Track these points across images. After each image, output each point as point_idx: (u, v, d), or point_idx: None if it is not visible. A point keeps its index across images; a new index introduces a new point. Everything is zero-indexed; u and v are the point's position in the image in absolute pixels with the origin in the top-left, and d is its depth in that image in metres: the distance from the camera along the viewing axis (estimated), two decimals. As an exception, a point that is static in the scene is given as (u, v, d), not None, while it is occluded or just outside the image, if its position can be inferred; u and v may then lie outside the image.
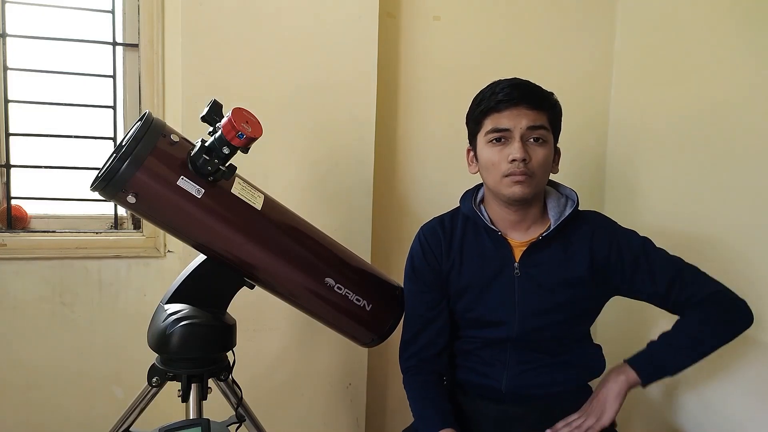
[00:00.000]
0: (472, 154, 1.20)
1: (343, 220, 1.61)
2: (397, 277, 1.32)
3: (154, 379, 1.08)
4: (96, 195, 1.00)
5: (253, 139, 1.00)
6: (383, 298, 1.24)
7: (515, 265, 1.16)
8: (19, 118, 1.59)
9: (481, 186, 1.24)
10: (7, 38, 1.55)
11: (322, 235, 1.22)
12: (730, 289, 1.14)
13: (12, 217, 1.58)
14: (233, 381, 1.15)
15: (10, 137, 1.58)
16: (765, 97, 1.32)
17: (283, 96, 1.55)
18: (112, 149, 1.28)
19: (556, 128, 1.15)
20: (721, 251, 1.42)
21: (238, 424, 1.15)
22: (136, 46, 1.63)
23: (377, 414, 1.82)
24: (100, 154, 1.62)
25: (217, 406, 1.15)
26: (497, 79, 1.17)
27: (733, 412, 1.39)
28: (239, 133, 0.97)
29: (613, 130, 1.86)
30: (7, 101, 1.56)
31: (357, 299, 1.18)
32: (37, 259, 1.56)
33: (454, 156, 1.74)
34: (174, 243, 1.64)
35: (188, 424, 0.97)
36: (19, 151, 1.59)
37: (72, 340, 1.61)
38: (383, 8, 1.62)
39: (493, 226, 1.17)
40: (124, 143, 0.99)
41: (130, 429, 1.12)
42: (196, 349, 1.05)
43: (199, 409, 1.05)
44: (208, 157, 0.99)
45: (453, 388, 1.26)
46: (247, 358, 1.32)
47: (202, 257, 1.12)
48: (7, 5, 1.54)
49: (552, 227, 1.15)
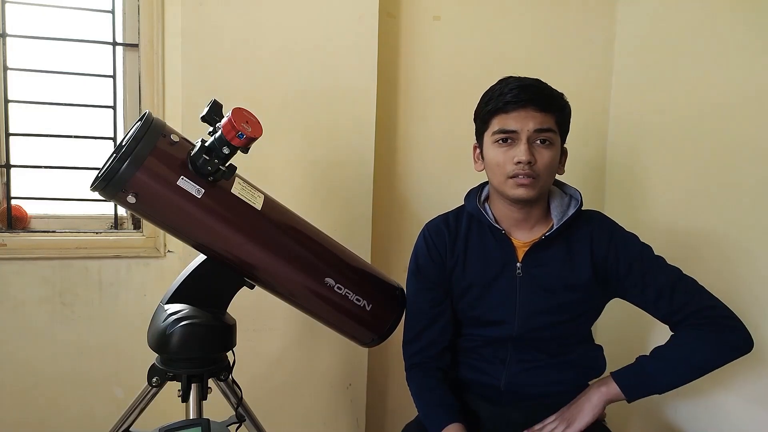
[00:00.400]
0: (478, 151, 1.19)
1: (343, 220, 1.61)
2: (397, 276, 1.32)
3: (154, 379, 1.08)
4: (96, 195, 1.00)
5: (253, 139, 0.99)
6: (383, 298, 1.24)
7: (518, 265, 1.16)
8: (19, 118, 1.59)
9: (485, 184, 1.24)
10: (7, 38, 1.55)
11: (322, 235, 1.22)
12: (728, 307, 1.10)
13: (12, 217, 1.58)
14: (233, 381, 1.15)
15: (10, 137, 1.58)
16: (765, 96, 1.32)
17: (283, 96, 1.55)
18: (112, 149, 1.29)
19: (563, 130, 1.15)
20: (722, 251, 1.42)
21: (238, 424, 1.15)
22: (136, 46, 1.63)
23: (377, 414, 1.82)
24: (100, 154, 1.62)
25: (217, 406, 1.14)
26: (497, 79, 1.16)
27: (733, 413, 1.39)
28: (239, 133, 0.97)
29: (613, 130, 1.86)
30: (7, 101, 1.56)
31: (357, 299, 1.18)
32: (37, 259, 1.56)
33: (454, 156, 1.74)
34: (174, 243, 1.64)
35: (188, 424, 0.97)
36: (19, 151, 1.59)
37: (72, 340, 1.61)
38: (383, 8, 1.62)
39: (497, 225, 1.17)
40: (124, 143, 0.99)
41: (130, 429, 1.12)
42: (196, 349, 1.05)
43: (199, 409, 1.05)
44: (208, 157, 0.99)
45: (454, 386, 1.25)
46: (247, 358, 1.32)
47: (202, 257, 1.12)
48: (7, 5, 1.54)
49: (554, 227, 1.14)
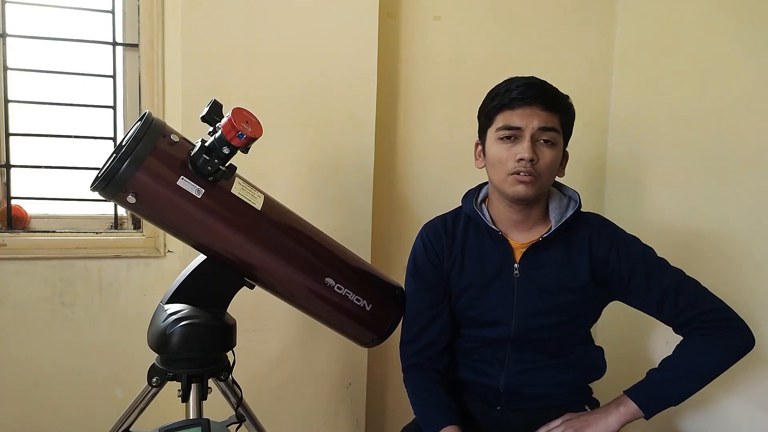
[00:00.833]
0: (480, 148, 1.19)
1: (343, 220, 1.61)
2: (397, 276, 1.32)
3: (154, 379, 1.08)
4: (96, 195, 1.00)
5: (253, 139, 0.99)
6: (383, 298, 1.24)
7: (515, 266, 1.16)
8: (19, 118, 1.59)
9: (483, 185, 1.24)
10: (7, 38, 1.55)
11: (322, 235, 1.22)
12: (731, 308, 1.11)
13: (12, 217, 1.58)
14: (233, 381, 1.15)
15: (10, 137, 1.58)
16: (765, 95, 1.32)
17: (283, 96, 1.55)
18: (112, 149, 1.28)
19: (567, 131, 1.15)
20: (722, 250, 1.42)
21: (238, 424, 1.15)
22: (136, 46, 1.63)
23: (377, 414, 1.82)
24: (100, 154, 1.62)
25: (217, 406, 1.14)
26: (497, 79, 1.16)
27: (733, 414, 1.39)
28: (239, 133, 0.97)
29: (613, 130, 1.86)
30: (7, 101, 1.56)
31: (357, 299, 1.18)
32: (37, 259, 1.56)
33: (454, 156, 1.74)
34: (174, 243, 1.64)
35: (188, 424, 0.97)
36: (19, 151, 1.59)
37: (72, 340, 1.61)
38: (383, 8, 1.62)
39: (494, 226, 1.17)
40: (124, 143, 0.99)
41: (130, 429, 1.12)
42: (196, 349, 1.05)
43: (199, 409, 1.05)
44: (208, 157, 0.99)
45: (452, 387, 1.25)
46: (247, 358, 1.32)
47: (202, 257, 1.12)
48: (7, 5, 1.54)
49: (553, 228, 1.14)
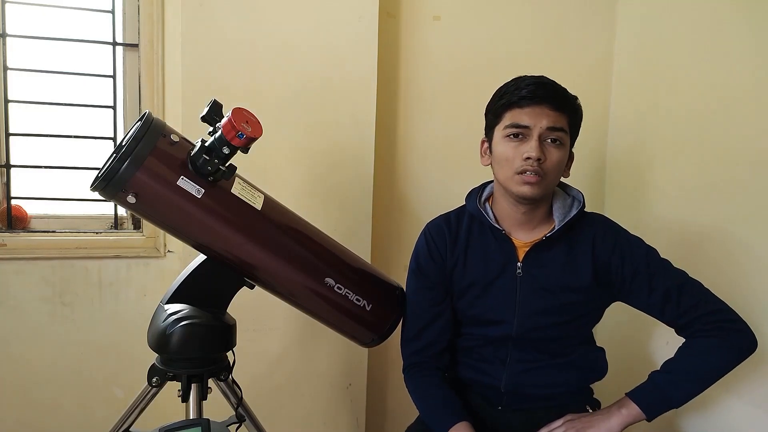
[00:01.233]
0: (486, 145, 1.19)
1: (343, 220, 1.61)
2: (397, 276, 1.32)
3: (154, 379, 1.08)
4: (96, 195, 1.00)
5: (253, 139, 0.99)
6: (383, 298, 1.24)
7: (518, 264, 1.16)
8: (19, 118, 1.58)
9: (487, 184, 1.24)
10: (7, 38, 1.54)
11: (322, 235, 1.22)
12: (734, 310, 1.11)
13: (12, 217, 1.58)
14: (233, 381, 1.15)
15: (10, 137, 1.58)
16: (765, 94, 1.32)
17: (283, 96, 1.55)
18: (112, 149, 1.28)
19: (574, 132, 1.15)
20: (723, 250, 1.42)
21: (238, 424, 1.15)
22: (136, 46, 1.63)
23: (377, 414, 1.82)
24: (100, 154, 1.62)
25: (217, 406, 1.14)
26: (497, 79, 1.17)
27: (734, 416, 1.39)
28: (239, 133, 0.97)
29: (613, 130, 1.86)
30: (7, 101, 1.56)
31: (357, 299, 1.18)
32: (37, 259, 1.56)
33: (454, 155, 1.74)
34: (174, 243, 1.64)
35: (188, 424, 0.97)
36: (19, 151, 1.59)
37: (72, 340, 1.60)
38: (383, 8, 1.62)
39: (497, 225, 1.17)
40: (124, 143, 0.99)
41: (130, 429, 1.12)
42: (196, 349, 1.05)
43: (199, 409, 1.05)
44: (208, 157, 0.99)
45: (454, 386, 1.25)
46: (247, 358, 1.32)
47: (202, 257, 1.12)
48: (7, 5, 1.54)
49: (556, 228, 1.14)
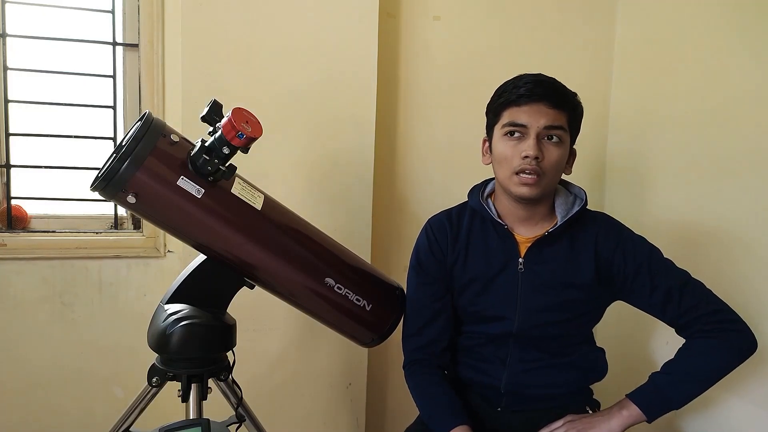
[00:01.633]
0: (487, 144, 1.19)
1: (343, 220, 1.61)
2: (397, 276, 1.32)
3: (154, 379, 1.08)
4: (96, 195, 1.00)
5: (253, 139, 0.99)
6: (383, 298, 1.24)
7: (520, 260, 1.16)
8: (19, 118, 1.58)
9: (489, 181, 1.24)
10: (7, 38, 1.54)
11: (322, 235, 1.22)
12: (734, 311, 1.11)
13: (12, 217, 1.58)
14: (233, 381, 1.15)
15: (10, 137, 1.58)
16: (765, 94, 1.32)
17: (283, 96, 1.55)
18: (112, 149, 1.28)
19: (574, 129, 1.15)
20: (723, 249, 1.42)
21: (238, 424, 1.15)
22: (136, 46, 1.63)
23: (377, 414, 1.82)
24: (100, 154, 1.62)
25: (217, 406, 1.14)
26: (497, 79, 1.16)
27: (734, 416, 1.39)
28: (239, 133, 0.97)
29: (614, 128, 1.86)
30: (7, 101, 1.56)
31: (357, 299, 1.18)
32: (37, 259, 1.56)
33: (454, 155, 1.74)
34: (174, 243, 1.64)
35: (188, 424, 0.97)
36: (19, 151, 1.59)
37: (72, 340, 1.61)
38: (383, 8, 1.62)
39: (500, 220, 1.16)
40: (124, 143, 0.99)
41: (130, 429, 1.12)
42: (196, 349, 1.05)
43: (199, 409, 1.05)
44: (208, 157, 0.99)
45: (454, 386, 1.24)
46: (247, 358, 1.32)
47: (202, 257, 1.12)
48: (7, 5, 1.54)
49: (558, 224, 1.14)
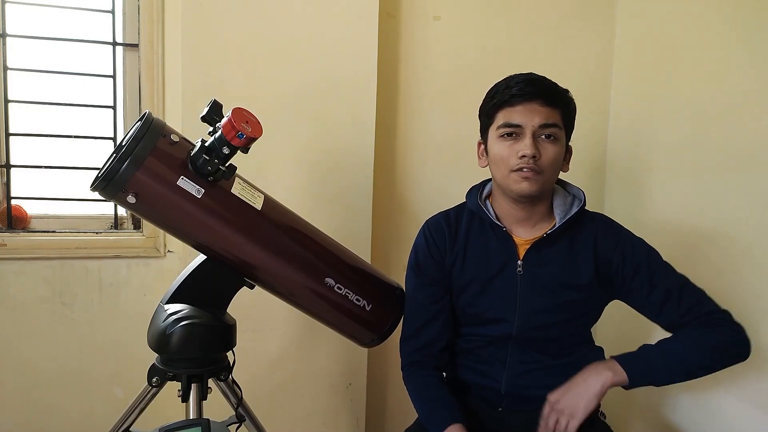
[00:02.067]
0: (482, 147, 1.19)
1: (343, 220, 1.61)
2: (397, 276, 1.32)
3: (154, 379, 1.08)
4: (96, 195, 1.00)
5: (253, 139, 0.99)
6: (383, 298, 1.24)
7: (519, 262, 1.16)
8: (19, 118, 1.59)
9: (488, 182, 1.24)
10: (7, 38, 1.55)
11: (322, 235, 1.22)
12: (732, 315, 1.10)
13: (12, 217, 1.58)
14: (233, 381, 1.15)
15: (10, 137, 1.58)
16: (765, 95, 1.32)
17: (283, 96, 1.55)
18: (112, 149, 1.28)
19: (569, 126, 1.14)
20: (723, 250, 1.42)
21: (238, 424, 1.15)
22: (136, 46, 1.63)
23: (377, 414, 1.82)
24: (100, 154, 1.62)
25: (217, 406, 1.14)
26: (497, 79, 1.16)
27: (732, 413, 1.39)
28: (239, 133, 0.97)
29: (614, 129, 1.86)
30: (7, 101, 1.56)
31: (357, 299, 1.18)
32: (37, 259, 1.56)
33: (454, 156, 1.74)
34: (174, 243, 1.64)
35: (188, 424, 0.97)
36: (19, 151, 1.59)
37: (72, 340, 1.61)
38: (383, 8, 1.62)
39: (498, 222, 1.16)
40: (124, 143, 0.99)
41: (130, 429, 1.12)
42: (196, 349, 1.05)
43: (199, 409, 1.05)
44: (208, 157, 0.99)
45: (453, 388, 1.25)
46: (247, 358, 1.32)
47: (202, 257, 1.12)
48: (7, 5, 1.54)
49: (557, 225, 1.14)
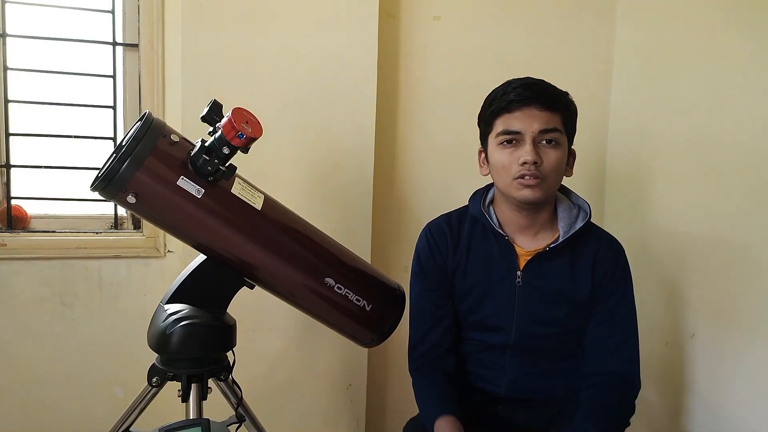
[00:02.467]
0: (483, 155, 1.17)
1: (343, 221, 1.61)
2: (397, 277, 1.32)
3: (154, 379, 1.08)
4: (96, 195, 1.00)
5: (253, 139, 0.99)
6: (383, 298, 1.24)
7: (518, 273, 1.15)
8: (19, 118, 1.58)
9: (491, 186, 1.23)
10: (7, 38, 1.54)
11: (322, 235, 1.22)
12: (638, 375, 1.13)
13: (12, 217, 1.58)
14: (233, 381, 1.15)
15: (10, 137, 1.58)
16: (766, 96, 1.32)
17: (283, 96, 1.55)
18: (112, 149, 1.28)
19: (570, 130, 1.12)
20: (723, 254, 1.42)
21: (238, 424, 1.15)
22: (136, 46, 1.63)
23: (377, 414, 1.82)
24: (100, 154, 1.62)
25: (217, 406, 1.14)
26: (497, 80, 1.16)
27: (738, 417, 1.39)
28: (239, 133, 0.97)
29: (613, 131, 1.85)
30: (7, 101, 1.56)
31: (357, 299, 1.18)
32: (37, 259, 1.56)
33: (453, 156, 1.74)
34: (174, 243, 1.64)
35: (188, 424, 0.97)
36: (19, 151, 1.59)
37: (72, 340, 1.60)
38: (383, 8, 1.62)
39: (500, 230, 1.15)
40: (124, 143, 0.99)
41: (130, 429, 1.12)
42: (196, 349, 1.05)
43: (199, 409, 1.05)
44: (208, 157, 0.99)
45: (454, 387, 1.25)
46: (247, 358, 1.32)
47: (202, 257, 1.12)
48: (7, 5, 1.54)
49: (560, 239, 1.12)
